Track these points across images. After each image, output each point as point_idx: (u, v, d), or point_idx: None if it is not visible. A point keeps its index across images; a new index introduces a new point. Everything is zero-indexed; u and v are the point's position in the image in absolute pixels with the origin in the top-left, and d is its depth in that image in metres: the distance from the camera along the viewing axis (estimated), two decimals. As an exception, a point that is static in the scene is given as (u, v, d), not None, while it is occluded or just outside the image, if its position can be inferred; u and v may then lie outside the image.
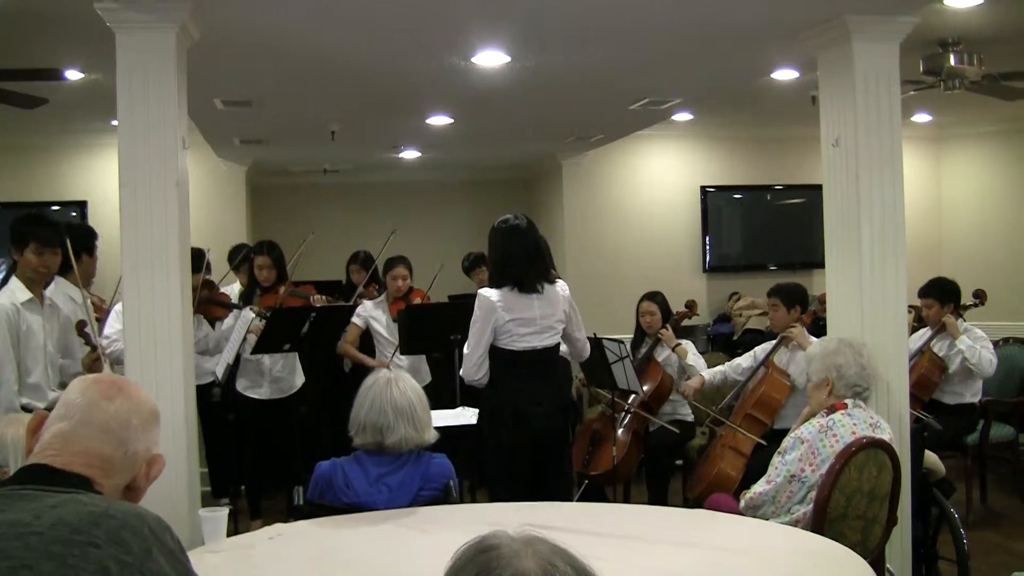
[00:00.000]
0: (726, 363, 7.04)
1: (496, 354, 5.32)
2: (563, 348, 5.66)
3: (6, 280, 5.36)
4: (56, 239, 5.37)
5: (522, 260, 5.32)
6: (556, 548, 1.58)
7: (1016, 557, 6.23)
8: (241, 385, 7.30)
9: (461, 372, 5.45)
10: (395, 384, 3.96)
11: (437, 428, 4.08)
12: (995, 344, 7.45)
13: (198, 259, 6.44)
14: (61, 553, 1.95)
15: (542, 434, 5.33)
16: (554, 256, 6.21)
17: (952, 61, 6.66)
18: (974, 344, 7.11)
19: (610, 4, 5.13)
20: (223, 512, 3.67)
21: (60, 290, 5.70)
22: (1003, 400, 7.58)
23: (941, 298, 7.35)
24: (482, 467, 5.68)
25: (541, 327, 5.32)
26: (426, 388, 4.12)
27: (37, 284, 5.32)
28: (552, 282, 5.43)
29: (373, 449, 3.93)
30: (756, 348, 6.90)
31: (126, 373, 4.61)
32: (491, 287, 5.35)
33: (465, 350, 5.39)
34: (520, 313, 5.27)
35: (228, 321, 7.10)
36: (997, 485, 7.96)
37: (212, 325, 7.20)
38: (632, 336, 7.48)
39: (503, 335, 5.28)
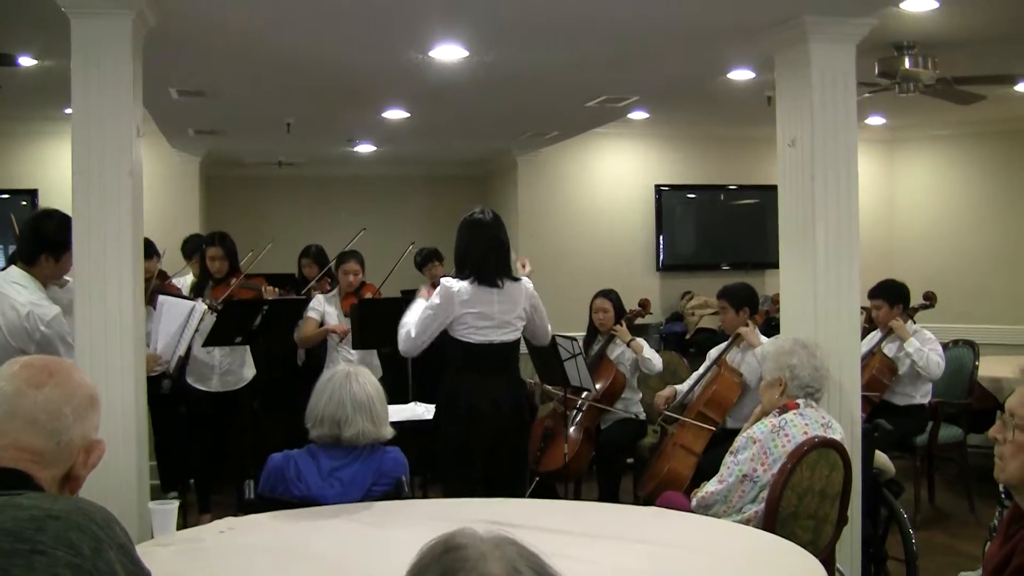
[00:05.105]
0: (693, 374, 6.99)
1: (455, 345, 5.30)
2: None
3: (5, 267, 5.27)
4: None
5: (480, 253, 5.32)
6: (524, 551, 1.52)
7: (963, 557, 6.28)
8: (190, 379, 7.24)
9: (399, 344, 5.40)
10: (355, 378, 4.00)
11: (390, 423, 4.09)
12: (944, 346, 7.51)
13: (149, 246, 6.39)
14: (3, 565, 1.87)
15: (497, 433, 5.30)
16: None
17: (907, 64, 6.70)
18: (922, 347, 7.18)
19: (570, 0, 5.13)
20: (173, 505, 3.64)
21: None
22: (951, 402, 7.63)
23: (890, 299, 7.42)
24: (436, 460, 5.64)
25: (499, 322, 5.31)
26: (377, 382, 4.12)
27: None
28: (515, 279, 5.43)
29: (329, 442, 3.94)
30: (711, 351, 6.89)
31: (76, 363, 4.55)
32: (454, 278, 5.34)
33: (413, 330, 5.31)
34: (478, 307, 5.25)
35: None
36: (945, 486, 8.05)
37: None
38: (585, 334, 7.48)
39: (460, 326, 5.26)
